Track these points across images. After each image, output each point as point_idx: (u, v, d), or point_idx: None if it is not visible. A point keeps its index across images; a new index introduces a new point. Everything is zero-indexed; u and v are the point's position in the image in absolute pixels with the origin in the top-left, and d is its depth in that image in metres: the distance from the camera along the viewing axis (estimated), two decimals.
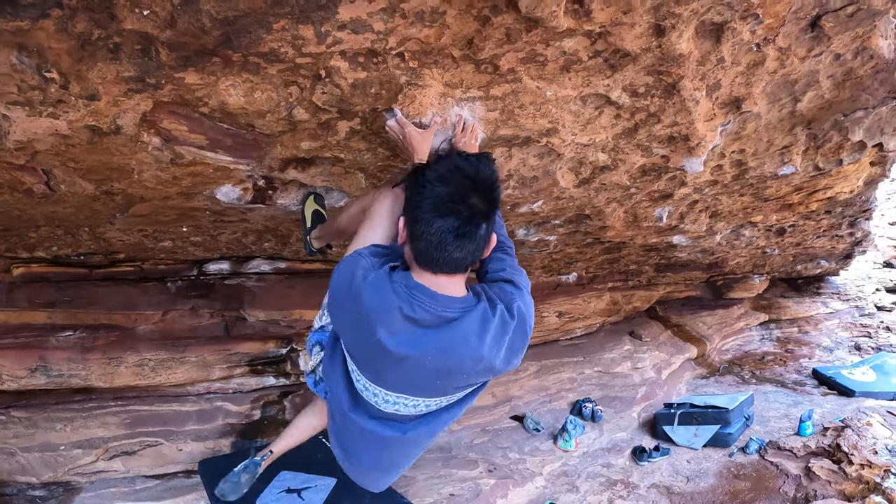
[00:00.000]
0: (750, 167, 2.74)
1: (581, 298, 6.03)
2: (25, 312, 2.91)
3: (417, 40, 1.28)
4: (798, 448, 3.82)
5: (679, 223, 3.49)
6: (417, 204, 1.15)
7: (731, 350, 7.92)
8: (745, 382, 6.48)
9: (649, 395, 5.28)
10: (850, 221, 5.31)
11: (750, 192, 3.27)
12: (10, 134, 1.45)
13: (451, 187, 1.13)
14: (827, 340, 8.00)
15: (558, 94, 1.58)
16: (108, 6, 1.09)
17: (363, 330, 1.17)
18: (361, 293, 1.15)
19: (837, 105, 2.32)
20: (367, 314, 1.14)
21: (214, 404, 3.50)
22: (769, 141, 2.57)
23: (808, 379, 6.35)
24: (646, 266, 6.02)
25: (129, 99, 1.36)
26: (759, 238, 5.07)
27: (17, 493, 2.81)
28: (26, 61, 1.22)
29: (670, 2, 1.32)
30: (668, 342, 7.11)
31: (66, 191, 1.87)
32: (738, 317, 8.37)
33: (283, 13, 1.14)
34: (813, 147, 2.75)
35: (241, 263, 3.58)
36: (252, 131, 1.57)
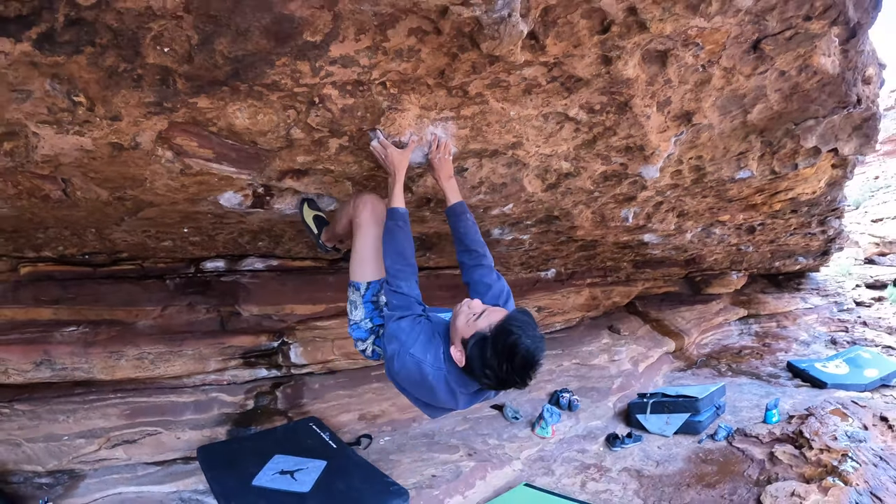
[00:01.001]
0: (708, 172, 2.97)
1: (560, 294, 6.27)
2: (31, 309, 3.07)
3: (397, 72, 1.51)
4: (763, 435, 4.07)
5: (647, 223, 3.73)
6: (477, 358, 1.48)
7: (709, 344, 8.20)
8: (721, 375, 6.74)
9: (625, 385, 5.54)
10: (820, 220, 5.54)
11: (712, 193, 3.50)
12: (38, 148, 1.65)
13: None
14: (804, 335, 8.31)
15: (521, 114, 1.82)
16: (135, 44, 1.29)
17: (429, 395, 1.62)
18: (434, 389, 1.57)
19: (787, 115, 2.53)
20: (437, 396, 1.59)
21: (210, 395, 3.68)
22: (725, 148, 2.79)
23: (782, 372, 6.61)
24: (624, 262, 6.26)
25: (148, 120, 1.57)
26: (731, 236, 5.30)
27: (24, 480, 2.95)
28: (58, 87, 1.42)
29: (614, 36, 1.55)
30: (646, 336, 7.38)
31: (81, 197, 2.06)
32: (717, 312, 8.65)
33: (284, 52, 1.35)
34: (769, 153, 2.95)
35: (236, 261, 3.77)
36: (254, 147, 1.78)
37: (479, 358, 1.45)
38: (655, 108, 2.07)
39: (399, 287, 1.65)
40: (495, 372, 1.43)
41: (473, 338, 1.48)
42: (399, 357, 1.58)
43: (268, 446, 3.20)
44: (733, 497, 3.40)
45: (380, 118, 1.65)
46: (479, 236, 1.80)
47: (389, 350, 1.63)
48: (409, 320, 1.61)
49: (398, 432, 4.12)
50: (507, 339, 1.41)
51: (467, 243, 1.78)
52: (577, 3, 1.36)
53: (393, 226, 1.70)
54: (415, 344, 1.57)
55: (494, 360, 1.42)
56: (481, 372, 1.46)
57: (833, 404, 4.28)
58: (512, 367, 1.41)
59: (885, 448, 3.68)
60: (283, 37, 1.30)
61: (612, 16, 1.43)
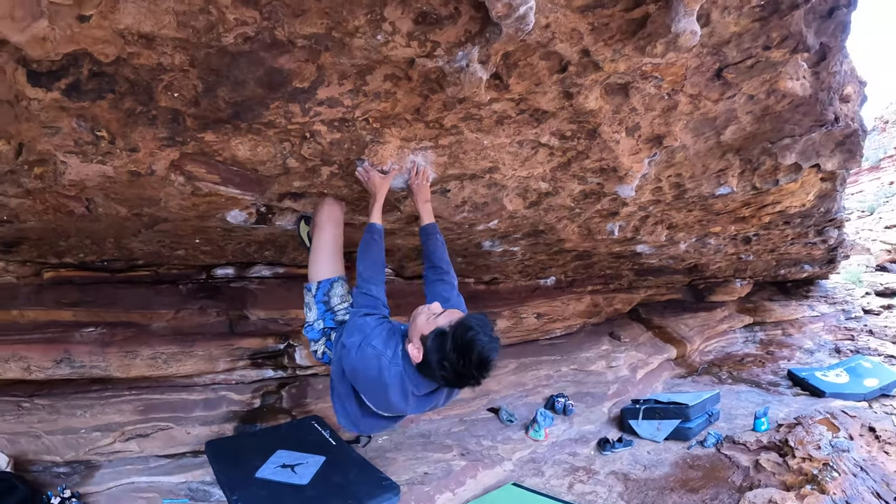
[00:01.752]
0: (688, 188, 3.12)
1: (560, 301, 6.39)
2: (53, 311, 3.27)
3: (377, 110, 1.71)
4: (751, 442, 4.18)
5: (636, 235, 3.88)
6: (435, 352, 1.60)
7: (713, 351, 8.27)
8: (721, 382, 6.82)
9: (621, 391, 5.68)
10: (817, 230, 5.59)
11: (698, 207, 3.64)
12: (65, 174, 1.88)
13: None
14: (809, 343, 8.35)
15: (494, 142, 2.01)
16: (149, 92, 1.51)
17: (381, 396, 1.73)
18: (388, 387, 1.67)
19: (761, 135, 2.62)
20: (389, 397, 1.70)
21: (219, 393, 3.91)
22: (704, 166, 2.92)
23: (782, 380, 6.68)
24: (624, 270, 6.37)
25: (162, 151, 1.79)
26: (727, 246, 5.39)
27: (43, 470, 3.15)
28: (83, 125, 1.64)
29: (572, 75, 1.72)
30: (647, 343, 7.48)
31: (102, 213, 2.29)
32: (721, 319, 8.71)
33: (277, 97, 1.56)
34: (749, 169, 3.05)
35: (245, 269, 4.00)
36: (256, 173, 1.99)
37: (437, 351, 1.56)
38: (624, 133, 2.24)
39: (370, 290, 1.80)
40: (452, 365, 1.54)
41: (433, 333, 1.59)
42: (360, 349, 1.67)
43: (271, 442, 3.41)
44: (714, 502, 3.53)
45: (364, 149, 1.86)
46: (445, 255, 1.99)
47: (349, 343, 1.70)
48: (375, 318, 1.74)
49: (396, 432, 4.31)
50: (465, 335, 1.53)
51: (434, 260, 1.98)
52: (535, 48, 1.54)
53: (370, 238, 1.88)
54: (377, 337, 1.68)
55: (453, 353, 1.53)
56: (438, 365, 1.56)
57: (823, 413, 4.37)
58: (469, 361, 1.52)
59: (868, 458, 3.77)
60: (276, 85, 1.51)
61: (567, 57, 1.60)
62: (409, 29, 1.33)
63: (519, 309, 5.82)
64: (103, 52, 1.28)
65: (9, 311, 3.09)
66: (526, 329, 6.06)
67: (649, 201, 3.18)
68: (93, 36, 1.21)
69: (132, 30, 1.20)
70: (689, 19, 1.41)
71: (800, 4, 1.70)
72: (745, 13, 1.69)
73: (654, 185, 2.97)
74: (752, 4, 1.65)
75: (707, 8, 1.57)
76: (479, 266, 4.71)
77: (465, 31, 1.35)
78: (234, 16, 1.19)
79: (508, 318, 5.72)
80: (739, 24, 1.73)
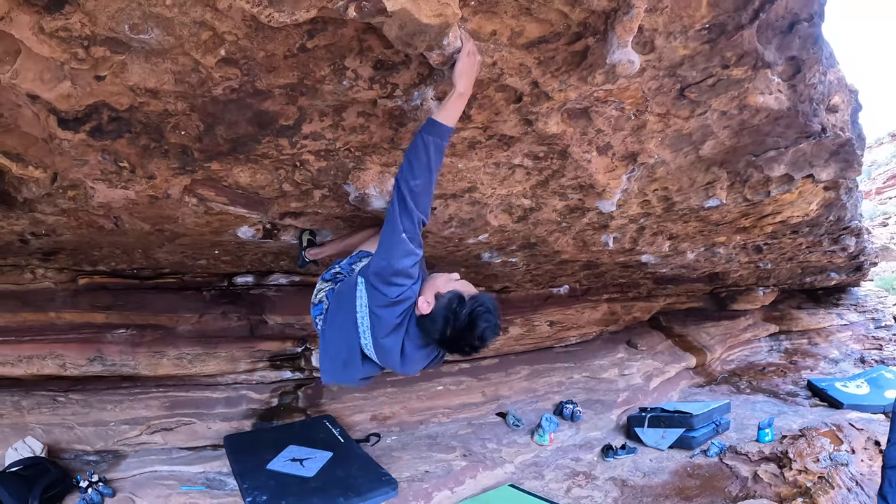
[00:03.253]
0: (676, 201, 3.19)
1: (574, 309, 6.46)
2: (87, 313, 3.60)
3: (356, 141, 1.94)
4: (753, 453, 4.21)
5: (634, 246, 3.99)
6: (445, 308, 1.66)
7: (735, 360, 8.19)
8: (739, 392, 6.79)
9: (631, 399, 5.75)
10: (833, 239, 5.49)
11: (693, 219, 3.70)
12: (94, 197, 2.17)
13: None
14: (835, 352, 8.19)
15: (468, 165, 2.21)
16: (160, 131, 1.78)
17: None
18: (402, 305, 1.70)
19: (743, 149, 2.59)
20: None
21: (240, 392, 4.21)
22: (691, 179, 2.95)
23: (802, 390, 6.60)
24: (641, 279, 6.42)
25: (175, 178, 2.06)
26: (739, 255, 5.36)
27: (74, 457, 3.48)
28: (107, 157, 1.92)
29: (527, 104, 1.90)
30: (666, 351, 7.49)
31: (128, 228, 2.59)
32: (745, 328, 8.61)
33: (266, 134, 1.81)
34: (739, 182, 3.05)
35: (263, 277, 4.30)
36: (258, 195, 2.25)
37: (446, 308, 1.64)
38: (596, 152, 2.38)
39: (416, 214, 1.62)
40: (456, 329, 1.62)
41: (452, 294, 1.67)
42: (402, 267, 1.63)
43: (285, 438, 3.68)
44: None
45: (348, 175, 2.09)
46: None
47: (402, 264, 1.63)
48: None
49: (405, 433, 4.53)
50: (479, 309, 1.63)
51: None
52: (488, 83, 1.74)
53: (440, 143, 1.59)
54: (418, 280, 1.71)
55: (463, 320, 1.62)
56: (443, 322, 1.63)
57: (829, 426, 4.37)
58: (472, 333, 1.63)
59: (866, 473, 3.76)
60: (264, 124, 1.76)
61: (520, 89, 1.78)
62: (370, 74, 1.55)
63: (531, 317, 5.93)
64: (118, 102, 1.55)
65: (47, 312, 3.44)
66: (539, 337, 6.14)
67: (639, 214, 3.30)
68: (108, 91, 1.48)
69: (139, 85, 1.46)
70: (623, 51, 1.57)
71: (744, 25, 1.70)
72: (691, 37, 1.72)
73: (640, 199, 3.08)
74: (696, 28, 1.69)
75: (649, 36, 1.66)
76: (486, 275, 4.88)
77: (417, 73, 1.57)
78: (219, 73, 1.43)
79: (521, 326, 5.84)
80: (688, 48, 1.77)
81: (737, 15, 1.64)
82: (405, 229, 1.59)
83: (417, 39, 1.24)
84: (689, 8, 1.57)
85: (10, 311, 3.33)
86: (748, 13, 1.64)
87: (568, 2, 1.39)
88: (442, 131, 1.55)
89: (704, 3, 1.56)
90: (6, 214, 2.26)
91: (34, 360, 3.34)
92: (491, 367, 5.81)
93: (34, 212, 2.24)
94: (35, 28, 1.23)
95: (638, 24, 1.46)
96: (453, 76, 1.45)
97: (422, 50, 1.31)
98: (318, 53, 1.41)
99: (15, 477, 2.91)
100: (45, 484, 2.90)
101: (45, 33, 1.24)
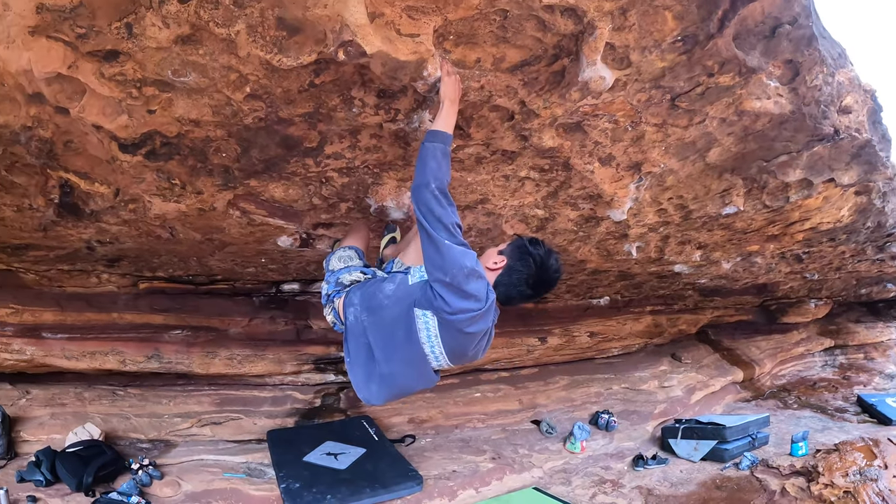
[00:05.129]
0: (692, 209, 3.21)
1: (615, 320, 6.45)
2: (146, 315, 3.95)
3: (373, 159, 2.19)
4: (785, 467, 4.14)
5: (661, 255, 4.05)
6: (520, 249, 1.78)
7: (787, 375, 7.93)
8: (786, 407, 6.59)
9: (668, 411, 5.70)
10: (877, 246, 5.25)
11: (717, 227, 3.69)
12: (150, 210, 2.51)
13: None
14: (892, 367, 7.83)
15: (476, 179, 2.42)
16: (204, 153, 2.08)
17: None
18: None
19: (751, 155, 2.58)
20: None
21: (286, 392, 4.53)
22: (705, 186, 2.96)
23: (851, 406, 6.38)
24: (687, 291, 6.35)
25: (220, 193, 2.37)
26: (779, 264, 5.23)
27: (128, 444, 3.79)
28: (161, 176, 2.24)
29: (519, 122, 2.08)
30: (711, 365, 7.34)
31: (182, 237, 2.94)
32: (798, 342, 8.32)
33: (294, 155, 2.09)
34: (756, 188, 3.02)
35: (308, 284, 4.61)
36: (292, 208, 2.54)
37: (521, 250, 1.75)
38: (598, 163, 2.50)
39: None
40: (537, 261, 1.72)
41: (512, 243, 1.80)
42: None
43: (323, 434, 3.96)
44: None
45: (368, 189, 2.35)
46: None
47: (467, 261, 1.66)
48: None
49: (440, 436, 4.71)
50: (541, 241, 1.81)
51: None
52: (481, 104, 1.94)
53: (444, 149, 1.70)
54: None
55: (543, 249, 1.74)
56: (524, 263, 1.72)
57: (866, 440, 4.22)
58: (549, 258, 1.75)
59: None
60: (291, 146, 2.03)
61: (511, 109, 1.98)
62: (375, 102, 1.80)
63: (571, 327, 5.98)
64: (168, 130, 1.86)
65: (110, 313, 3.80)
66: (579, 347, 6.20)
67: (657, 223, 3.37)
68: (159, 121, 1.79)
69: (184, 117, 1.77)
70: (592, 69, 1.73)
71: (714, 35, 1.75)
72: (666, 49, 1.79)
73: (656, 208, 3.16)
74: (668, 41, 1.75)
75: (623, 52, 1.77)
76: None
77: (414, 99, 1.80)
78: (247, 106, 1.71)
79: (560, 336, 5.90)
80: (666, 60, 1.84)
81: (704, 25, 1.71)
82: (444, 237, 1.62)
83: (400, 73, 1.47)
84: (657, 23, 1.67)
85: (77, 311, 3.69)
86: (714, 23, 1.71)
87: (539, 28, 1.58)
88: (442, 137, 1.67)
89: (670, 17, 1.66)
90: (75, 224, 2.61)
91: (97, 356, 3.71)
92: (530, 377, 5.92)
93: (100, 222, 2.58)
94: (97, 73, 1.55)
95: (603, 44, 1.63)
96: (439, 96, 1.66)
97: (406, 82, 1.54)
98: (327, 87, 1.66)
99: (73, 456, 3.26)
100: (100, 464, 3.24)
101: (105, 77, 1.55)
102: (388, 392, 1.93)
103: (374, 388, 1.89)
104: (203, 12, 1.36)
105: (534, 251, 1.74)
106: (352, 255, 2.16)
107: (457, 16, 1.45)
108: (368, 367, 1.86)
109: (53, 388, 3.85)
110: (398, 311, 1.75)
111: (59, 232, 2.69)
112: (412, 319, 1.71)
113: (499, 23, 1.53)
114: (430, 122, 1.89)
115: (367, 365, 1.86)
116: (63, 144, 1.93)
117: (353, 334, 1.88)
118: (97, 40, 1.45)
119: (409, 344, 1.74)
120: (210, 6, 1.35)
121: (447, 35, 1.53)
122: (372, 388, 1.90)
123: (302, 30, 1.40)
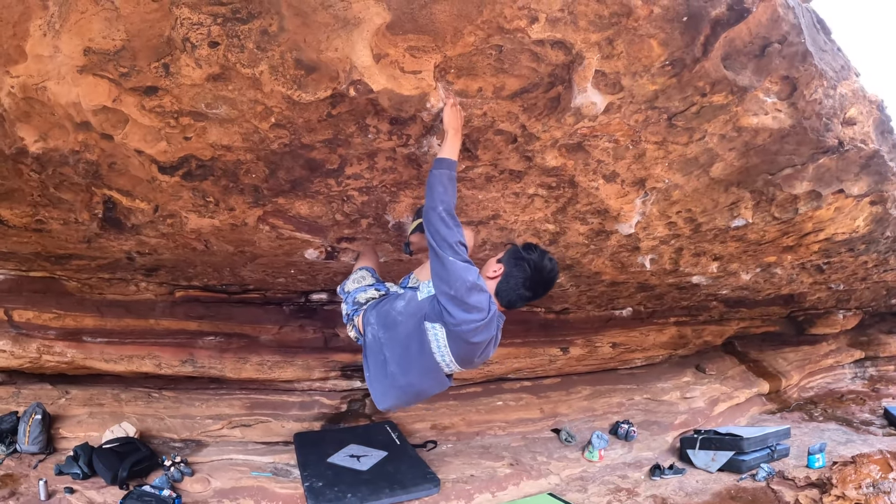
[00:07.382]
0: (701, 222, 3.27)
1: (638, 331, 6.45)
2: (182, 322, 4.18)
3: (390, 179, 2.38)
4: (800, 479, 4.15)
5: (676, 267, 4.11)
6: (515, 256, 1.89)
7: (815, 387, 7.79)
8: (811, 419, 6.50)
9: (689, 422, 5.70)
10: None
11: (729, 239, 3.74)
12: (187, 224, 2.74)
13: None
14: None
15: (487, 196, 2.58)
16: (236, 174, 2.30)
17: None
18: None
19: (754, 168, 2.61)
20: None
21: (313, 398, 4.73)
22: (714, 200, 3.00)
23: (878, 419, 6.29)
24: (712, 302, 6.32)
25: (250, 210, 2.59)
26: (800, 275, 5.18)
27: (162, 443, 4.05)
28: (196, 194, 2.46)
29: (522, 144, 2.23)
30: (737, 377, 7.27)
31: (216, 249, 3.17)
32: (827, 353, 8.17)
33: (317, 175, 2.29)
34: (765, 200, 3.02)
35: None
36: (317, 224, 2.75)
37: (516, 257, 1.86)
38: (603, 180, 2.62)
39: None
40: (532, 265, 1.82)
41: (507, 252, 1.89)
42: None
43: (348, 437, 4.14)
44: None
45: (385, 207, 2.53)
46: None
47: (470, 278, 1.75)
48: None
49: (461, 442, 4.84)
50: (536, 245, 1.92)
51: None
52: (486, 128, 2.09)
53: (450, 175, 1.84)
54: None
55: (538, 254, 1.85)
56: (522, 269, 1.82)
57: (883, 453, 4.18)
58: (543, 260, 1.85)
59: None
60: (314, 168, 2.24)
61: (513, 132, 2.14)
62: (388, 129, 1.99)
63: (593, 338, 6.03)
64: (202, 154, 2.08)
65: (147, 319, 4.04)
66: (601, 358, 6.23)
67: (668, 235, 3.46)
68: (194, 146, 2.01)
69: (217, 143, 1.99)
70: (584, 95, 1.87)
71: (700, 58, 1.82)
72: (655, 73, 1.87)
73: (665, 221, 3.25)
74: (657, 66, 1.84)
75: (614, 78, 1.87)
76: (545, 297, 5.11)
77: (422, 126, 1.98)
78: (273, 134, 1.92)
79: (582, 347, 5.95)
80: (657, 83, 1.92)
81: (689, 50, 1.80)
82: (449, 255, 1.73)
83: (405, 106, 1.65)
84: (643, 50, 1.78)
85: (116, 317, 3.95)
86: (697, 47, 1.80)
87: (533, 59, 1.74)
88: (448, 164, 1.83)
89: (655, 44, 1.76)
90: (117, 236, 2.86)
91: (134, 360, 3.97)
92: (552, 386, 6.00)
93: (140, 235, 2.81)
94: (138, 106, 1.78)
95: (591, 72, 1.77)
96: (443, 125, 1.84)
97: (412, 113, 1.72)
98: (343, 116, 1.86)
99: (109, 452, 3.51)
100: (135, 459, 3.48)
101: (145, 109, 1.79)
102: (406, 400, 2.12)
103: (391, 399, 2.09)
104: (230, 55, 1.57)
105: (528, 256, 1.86)
106: (364, 275, 2.34)
107: (455, 52, 1.62)
108: (386, 380, 2.03)
109: (92, 389, 4.12)
110: (411, 325, 1.91)
111: (102, 243, 2.94)
112: (423, 332, 1.86)
113: (495, 56, 1.70)
114: (438, 146, 2.06)
115: (384, 379, 2.03)
116: (107, 166, 2.16)
117: (372, 351, 2.07)
118: (138, 78, 1.67)
119: (422, 356, 1.90)
120: (237, 50, 1.56)
121: (448, 69, 1.71)
122: (389, 399, 2.09)
123: (318, 69, 1.60)
